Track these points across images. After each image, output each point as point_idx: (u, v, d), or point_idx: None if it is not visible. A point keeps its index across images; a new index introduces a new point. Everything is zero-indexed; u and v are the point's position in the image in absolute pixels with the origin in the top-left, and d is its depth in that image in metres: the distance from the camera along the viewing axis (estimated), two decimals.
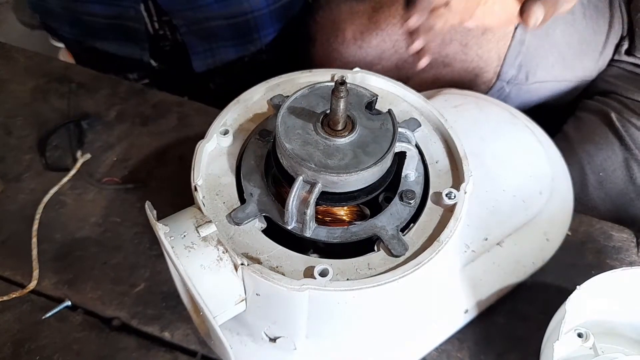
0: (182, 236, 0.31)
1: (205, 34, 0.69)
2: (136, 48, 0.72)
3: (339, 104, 0.30)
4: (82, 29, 0.73)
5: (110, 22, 0.70)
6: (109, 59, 0.76)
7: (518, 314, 0.48)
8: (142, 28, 0.70)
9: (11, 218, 0.53)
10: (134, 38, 0.71)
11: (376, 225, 0.33)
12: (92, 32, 0.72)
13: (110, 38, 0.72)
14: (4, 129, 0.61)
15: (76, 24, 0.72)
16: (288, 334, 0.37)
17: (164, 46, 0.74)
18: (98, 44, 0.74)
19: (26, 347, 0.45)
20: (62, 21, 0.73)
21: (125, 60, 0.75)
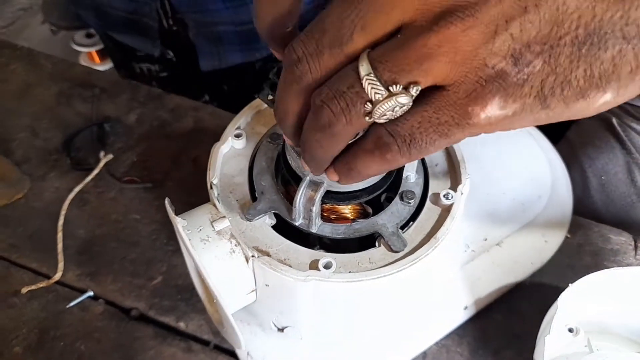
0: (199, 230, 0.34)
1: (213, 37, 0.72)
2: (147, 43, 0.76)
3: None
4: (105, 21, 0.77)
5: (127, 17, 0.74)
6: (129, 50, 0.80)
7: (516, 312, 0.50)
8: (155, 25, 0.73)
9: (37, 214, 0.56)
10: (147, 33, 0.75)
11: (377, 222, 0.36)
12: (112, 24, 0.77)
13: (127, 32, 0.77)
14: (31, 131, 0.64)
15: (101, 16, 0.77)
16: (295, 324, 0.40)
17: (175, 43, 0.77)
18: (117, 36, 0.79)
19: (51, 334, 0.48)
20: (90, 12, 0.78)
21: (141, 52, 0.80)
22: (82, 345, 0.48)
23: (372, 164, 0.24)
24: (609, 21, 0.19)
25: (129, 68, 0.85)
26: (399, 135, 0.23)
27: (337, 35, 0.21)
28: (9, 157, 0.60)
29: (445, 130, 0.22)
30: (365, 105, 0.22)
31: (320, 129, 0.23)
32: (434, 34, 0.20)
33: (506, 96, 0.21)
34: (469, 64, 0.20)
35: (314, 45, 0.22)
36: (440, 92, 0.21)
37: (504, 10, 0.19)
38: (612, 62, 0.19)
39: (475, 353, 0.48)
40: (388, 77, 0.21)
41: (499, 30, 0.19)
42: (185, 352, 0.47)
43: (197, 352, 0.47)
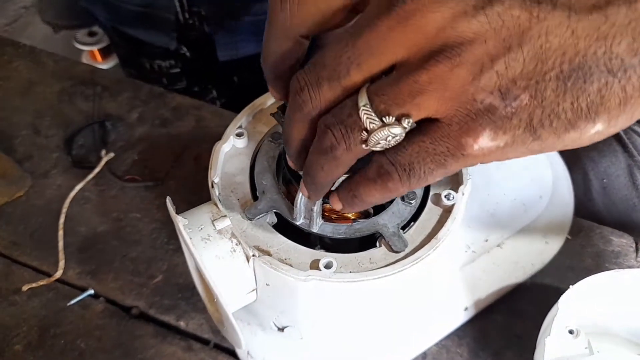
0: (200, 229, 0.34)
1: (230, 28, 0.73)
2: (163, 36, 0.76)
3: None
4: (116, 16, 0.77)
5: (142, 11, 0.74)
6: (140, 45, 0.80)
7: (516, 313, 0.50)
8: (171, 17, 0.73)
9: (39, 212, 0.57)
10: (163, 27, 0.75)
11: (378, 222, 0.36)
12: (125, 19, 0.76)
13: (141, 26, 0.76)
14: (33, 128, 0.64)
15: (112, 11, 0.76)
16: (295, 324, 0.40)
17: (191, 35, 0.77)
18: (130, 30, 0.78)
19: (51, 332, 0.48)
20: (100, 6, 0.78)
21: (155, 47, 0.80)
22: (82, 343, 0.48)
23: (374, 192, 0.26)
24: (592, 56, 0.20)
25: (137, 65, 0.85)
26: (399, 164, 0.24)
27: (336, 71, 0.23)
28: (11, 154, 0.60)
29: (442, 160, 0.23)
30: (362, 133, 0.23)
31: (323, 152, 0.25)
32: (424, 71, 0.21)
33: (496, 128, 0.22)
34: (459, 99, 0.22)
35: (315, 78, 0.24)
36: (436, 124, 0.23)
37: (489, 50, 0.21)
38: (598, 94, 0.20)
39: (475, 354, 0.48)
40: (382, 109, 0.23)
41: (485, 68, 0.21)
42: (186, 350, 0.47)
43: (197, 351, 0.47)
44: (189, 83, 0.86)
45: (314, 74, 0.24)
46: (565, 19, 0.20)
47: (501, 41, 0.20)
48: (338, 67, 0.23)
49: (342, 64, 0.23)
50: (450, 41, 0.21)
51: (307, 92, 0.24)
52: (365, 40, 0.22)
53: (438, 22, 0.21)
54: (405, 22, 0.21)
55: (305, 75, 0.24)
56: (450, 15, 0.20)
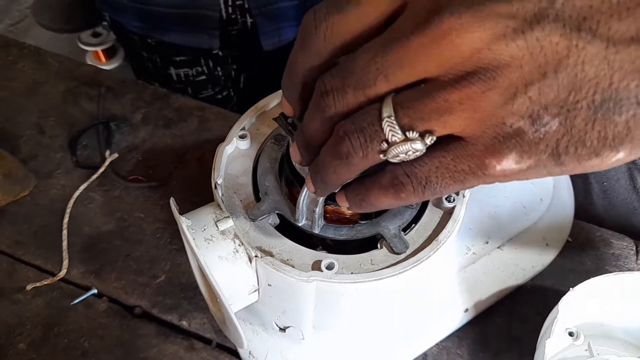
0: (203, 229, 0.35)
1: (272, 15, 0.74)
2: (205, 37, 0.76)
3: None
4: (150, 23, 0.77)
5: (180, 12, 0.73)
6: (169, 54, 0.80)
7: (516, 315, 0.50)
8: (215, 15, 0.73)
9: (43, 212, 0.57)
10: (205, 26, 0.75)
11: (380, 224, 0.36)
12: (159, 25, 0.76)
13: (178, 29, 0.76)
14: (37, 128, 0.65)
15: (144, 17, 0.76)
16: (296, 324, 0.40)
17: (231, 30, 0.78)
18: (164, 36, 0.78)
19: (55, 331, 0.49)
20: (130, 15, 0.77)
21: (190, 52, 0.80)
22: (85, 342, 0.48)
23: (384, 199, 0.26)
24: (625, 88, 0.20)
25: (163, 75, 0.85)
26: (416, 177, 0.24)
27: (362, 80, 0.23)
28: (16, 154, 0.61)
29: (461, 177, 0.23)
30: (381, 144, 0.23)
31: (338, 157, 0.25)
32: (455, 90, 0.21)
33: (522, 152, 0.22)
34: (488, 121, 0.22)
35: (340, 84, 0.24)
36: (459, 142, 0.23)
37: (524, 75, 0.20)
38: (626, 125, 0.20)
39: (476, 355, 0.48)
40: (406, 123, 0.22)
41: (519, 93, 0.21)
42: (188, 350, 0.48)
43: (199, 351, 0.48)
44: (214, 90, 0.87)
45: (340, 80, 0.24)
46: (603, 50, 0.20)
47: (537, 67, 0.20)
48: (365, 77, 0.23)
49: (369, 74, 0.23)
50: (486, 63, 0.21)
51: (331, 97, 0.24)
52: (397, 53, 0.22)
53: (475, 43, 0.20)
54: (441, 40, 0.21)
55: (331, 80, 0.24)
56: (488, 37, 0.20)
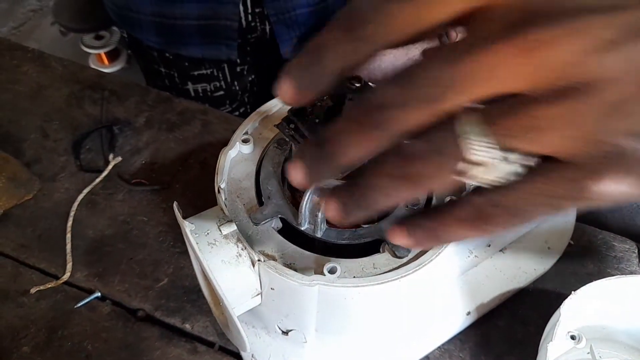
0: (206, 234, 0.35)
1: (291, 22, 0.74)
2: (223, 48, 0.77)
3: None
4: (168, 36, 0.77)
5: (200, 24, 0.74)
6: (187, 68, 0.81)
7: (518, 318, 0.50)
8: (234, 25, 0.73)
9: (47, 215, 0.57)
10: (223, 37, 0.75)
11: (382, 228, 0.36)
12: (178, 37, 0.76)
13: (198, 42, 0.76)
14: (41, 132, 0.65)
15: (163, 32, 0.76)
16: (299, 327, 0.40)
17: (250, 38, 0.78)
18: (183, 50, 0.78)
19: (59, 333, 0.49)
20: (149, 30, 0.77)
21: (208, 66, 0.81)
22: (89, 345, 0.48)
23: (462, 233, 0.22)
24: None
25: (181, 91, 0.85)
26: (504, 207, 0.21)
27: (429, 92, 0.20)
28: (20, 157, 0.61)
29: (556, 203, 0.21)
30: (459, 166, 0.20)
31: (401, 179, 0.22)
32: (551, 106, 0.19)
33: (623, 172, 0.20)
34: (586, 139, 0.20)
35: (400, 96, 0.20)
36: (555, 164, 0.20)
37: (623, 89, 0.19)
38: None
39: (478, 358, 0.48)
40: (496, 142, 0.20)
41: (619, 109, 0.19)
42: (191, 353, 0.48)
43: (202, 354, 0.48)
44: (232, 107, 0.88)
45: (400, 92, 0.20)
46: None
47: (638, 81, 0.19)
48: (432, 89, 0.20)
49: (438, 86, 0.20)
50: (583, 78, 0.19)
51: (389, 110, 0.21)
52: (474, 63, 0.19)
53: (568, 56, 0.18)
54: (529, 52, 0.19)
55: (388, 91, 0.21)
56: (583, 50, 0.18)
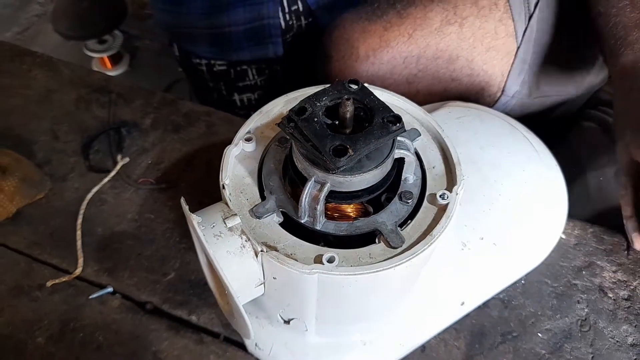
0: (212, 226, 0.37)
1: (330, 6, 0.79)
2: (269, 47, 0.81)
3: (346, 116, 0.35)
4: (220, 45, 0.81)
5: (247, 27, 0.78)
6: (232, 81, 0.86)
7: (511, 309, 0.52)
8: (277, 21, 0.78)
9: (58, 213, 0.60)
10: (269, 35, 0.79)
11: (377, 220, 0.38)
12: (229, 44, 0.81)
13: (247, 45, 0.81)
14: (51, 134, 0.68)
15: (215, 41, 0.81)
16: (300, 316, 0.42)
17: (288, 38, 0.82)
18: (234, 55, 0.83)
19: (71, 326, 0.51)
20: (204, 42, 0.82)
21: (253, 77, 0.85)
22: (100, 336, 0.51)
23: None
24: None
25: (227, 102, 0.90)
26: None
27: None
28: (31, 158, 0.63)
29: None
30: None
31: None
32: None
33: None
34: None
35: None
36: None
37: None
38: None
39: (472, 347, 0.50)
40: None
41: None
42: (197, 343, 0.50)
43: (208, 344, 0.50)
44: None
45: None
46: None
47: None
48: None
49: None
50: None
51: None
52: None
53: None
54: None
55: None
56: None
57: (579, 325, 0.51)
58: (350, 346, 0.46)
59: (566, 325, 0.51)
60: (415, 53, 0.68)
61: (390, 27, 0.66)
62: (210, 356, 0.49)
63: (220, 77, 0.87)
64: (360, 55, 0.67)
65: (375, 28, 0.66)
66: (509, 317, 0.52)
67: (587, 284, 0.54)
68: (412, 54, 0.68)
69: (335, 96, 0.37)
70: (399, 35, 0.66)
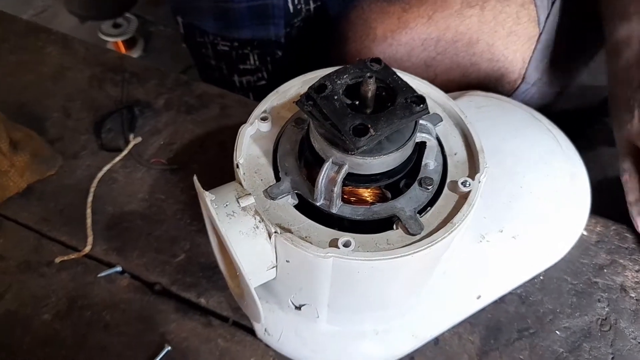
0: (225, 205, 0.36)
1: None
2: (271, 28, 0.80)
3: (367, 95, 0.34)
4: (224, 20, 0.80)
5: (250, 5, 0.77)
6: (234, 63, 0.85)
7: (529, 305, 0.51)
8: (280, 3, 0.76)
9: (68, 191, 0.59)
10: (271, 16, 0.78)
11: (396, 206, 0.37)
12: (232, 20, 0.80)
13: (250, 23, 0.80)
14: (64, 111, 0.67)
15: (221, 15, 0.80)
16: (312, 302, 0.41)
17: (295, 23, 0.81)
18: (236, 33, 0.82)
19: (79, 303, 0.51)
20: (208, 16, 0.81)
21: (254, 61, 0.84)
22: (107, 315, 0.50)
23: None
24: None
25: (228, 82, 0.90)
26: None
27: None
28: (43, 135, 0.63)
29: None
30: None
31: None
32: None
33: None
34: None
35: None
36: None
37: None
38: None
39: (487, 342, 0.49)
40: None
41: None
42: (205, 326, 0.49)
43: (216, 327, 0.49)
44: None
45: None
46: None
47: None
48: None
49: None
50: None
51: None
52: None
53: None
54: None
55: None
56: None
57: (599, 324, 0.50)
58: (362, 335, 0.45)
59: (585, 324, 0.50)
60: (434, 35, 0.66)
61: (409, 8, 0.64)
62: (218, 340, 0.48)
63: (223, 57, 0.86)
64: (378, 36, 0.65)
65: (393, 9, 0.64)
66: (526, 313, 0.50)
67: (608, 283, 0.52)
68: (431, 36, 0.66)
69: (356, 74, 0.36)
70: (418, 17, 0.64)
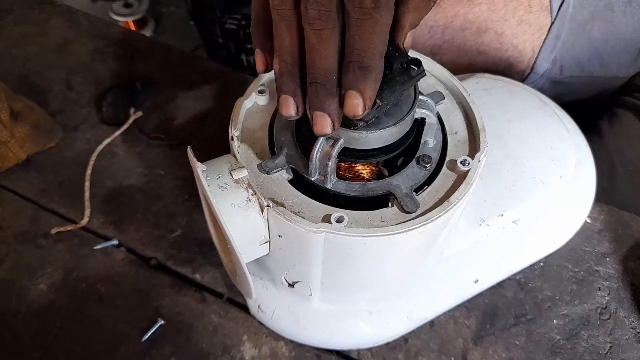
0: (217, 177, 0.35)
1: None
2: None
3: None
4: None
5: None
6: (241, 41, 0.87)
7: (527, 292, 0.50)
8: None
9: (67, 163, 0.59)
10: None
11: (392, 183, 0.36)
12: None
13: None
14: (66, 84, 0.66)
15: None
16: (305, 279, 0.40)
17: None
18: (242, 10, 0.84)
19: (74, 275, 0.51)
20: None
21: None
22: (102, 287, 0.50)
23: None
24: None
25: (235, 61, 0.92)
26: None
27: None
28: (44, 107, 0.62)
29: None
30: None
31: None
32: None
33: None
34: None
35: None
36: None
37: None
38: None
39: (483, 327, 0.48)
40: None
41: None
42: (200, 302, 0.49)
43: (210, 303, 0.49)
44: None
45: None
46: None
47: None
48: None
49: None
50: None
51: None
52: None
53: None
54: None
55: None
56: None
57: (598, 312, 0.49)
58: (356, 315, 0.45)
59: (584, 312, 0.49)
60: (441, 23, 0.65)
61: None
62: (212, 315, 0.48)
63: (230, 35, 0.87)
64: None
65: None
66: (524, 299, 0.49)
67: (609, 272, 0.51)
68: (439, 23, 0.65)
69: None
70: None
